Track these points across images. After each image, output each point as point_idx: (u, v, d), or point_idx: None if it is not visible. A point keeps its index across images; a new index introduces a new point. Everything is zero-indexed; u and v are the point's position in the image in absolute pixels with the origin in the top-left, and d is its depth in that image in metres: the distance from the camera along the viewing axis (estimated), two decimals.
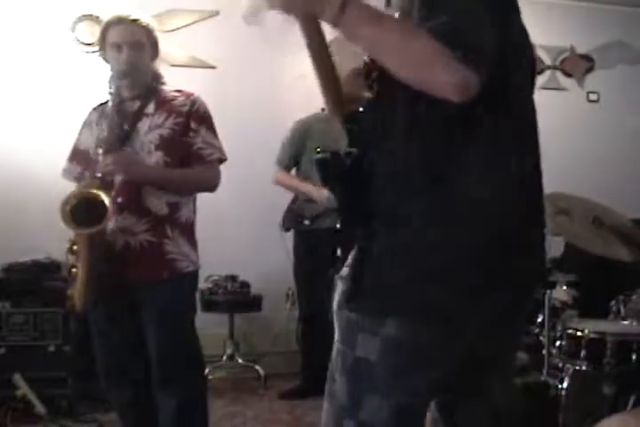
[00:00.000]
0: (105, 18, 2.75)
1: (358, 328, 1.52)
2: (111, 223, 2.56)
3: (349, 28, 1.39)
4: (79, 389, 3.82)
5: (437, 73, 1.34)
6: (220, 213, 4.24)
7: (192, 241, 2.72)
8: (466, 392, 1.59)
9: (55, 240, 4.00)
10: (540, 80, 5.48)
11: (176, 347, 2.65)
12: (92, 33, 4.47)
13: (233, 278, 4.53)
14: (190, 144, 2.66)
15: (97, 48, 2.76)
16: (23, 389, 3.51)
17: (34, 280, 3.84)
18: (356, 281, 1.52)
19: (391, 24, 1.42)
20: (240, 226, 4.71)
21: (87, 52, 4.53)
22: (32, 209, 4.23)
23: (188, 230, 2.72)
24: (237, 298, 4.49)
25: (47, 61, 4.49)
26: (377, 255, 1.48)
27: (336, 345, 1.59)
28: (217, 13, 4.74)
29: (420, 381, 1.47)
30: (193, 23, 4.72)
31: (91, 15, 4.54)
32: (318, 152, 1.56)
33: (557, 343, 2.96)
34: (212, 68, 4.69)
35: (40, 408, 3.44)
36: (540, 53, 5.50)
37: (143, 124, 2.64)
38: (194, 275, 2.75)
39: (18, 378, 3.55)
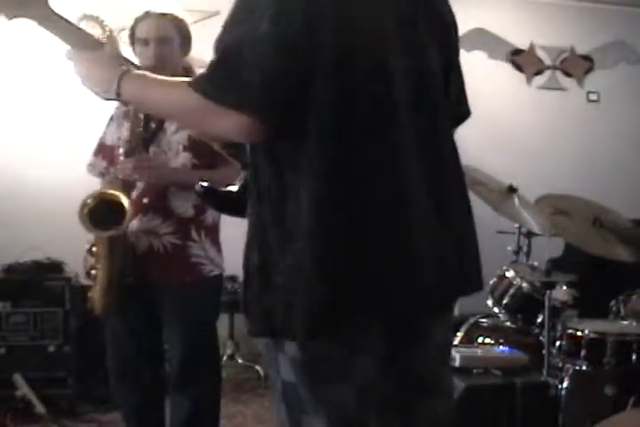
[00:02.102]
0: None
1: (275, 348, 1.42)
2: (136, 224, 2.51)
3: (132, 100, 1.59)
4: (79, 389, 3.82)
5: (210, 125, 1.41)
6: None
7: (217, 244, 2.66)
8: (387, 409, 1.50)
9: (55, 240, 4.04)
10: (540, 80, 5.48)
11: (195, 350, 2.60)
12: (92, 33, 4.46)
13: (233, 279, 4.53)
14: None
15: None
16: (23, 389, 3.51)
17: (34, 280, 3.84)
18: (244, 293, 1.46)
19: (157, 90, 1.49)
20: (240, 226, 4.69)
21: None
22: (32, 209, 4.23)
23: (213, 233, 2.65)
24: (237, 298, 4.48)
25: (47, 61, 4.48)
26: (253, 268, 1.48)
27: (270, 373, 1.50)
28: (217, 13, 4.74)
29: (340, 394, 1.39)
30: (193, 23, 4.69)
31: (91, 15, 4.52)
32: (200, 187, 1.76)
33: (557, 343, 2.95)
34: None
35: (40, 408, 3.43)
36: (540, 53, 5.50)
37: (171, 124, 2.55)
38: (218, 279, 2.67)
39: (18, 378, 3.55)
